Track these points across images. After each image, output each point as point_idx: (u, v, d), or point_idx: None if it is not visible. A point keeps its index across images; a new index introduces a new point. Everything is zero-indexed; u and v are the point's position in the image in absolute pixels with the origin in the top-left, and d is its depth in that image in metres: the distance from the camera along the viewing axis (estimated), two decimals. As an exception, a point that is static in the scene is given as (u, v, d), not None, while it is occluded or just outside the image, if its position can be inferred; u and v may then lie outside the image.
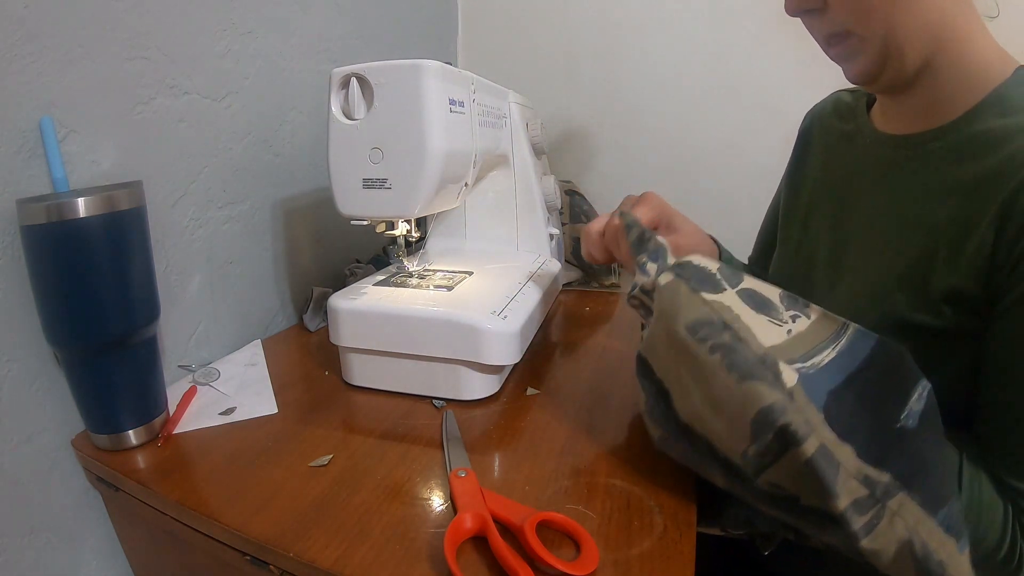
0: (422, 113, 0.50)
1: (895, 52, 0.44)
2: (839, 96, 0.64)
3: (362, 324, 0.56)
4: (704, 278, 0.40)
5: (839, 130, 0.60)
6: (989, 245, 0.39)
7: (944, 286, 0.42)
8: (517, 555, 0.35)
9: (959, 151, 0.44)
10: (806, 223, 0.60)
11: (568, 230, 0.96)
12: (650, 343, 0.42)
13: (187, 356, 0.63)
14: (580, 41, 1.14)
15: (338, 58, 0.85)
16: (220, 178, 0.65)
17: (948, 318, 0.42)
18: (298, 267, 0.80)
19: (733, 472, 0.37)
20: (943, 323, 0.42)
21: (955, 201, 0.43)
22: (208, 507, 0.41)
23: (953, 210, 0.42)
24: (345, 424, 0.52)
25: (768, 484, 0.36)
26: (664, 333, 0.40)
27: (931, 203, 0.45)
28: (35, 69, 0.45)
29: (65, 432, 0.50)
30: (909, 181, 0.48)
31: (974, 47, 0.44)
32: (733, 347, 0.35)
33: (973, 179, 0.42)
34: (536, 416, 0.53)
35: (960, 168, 0.43)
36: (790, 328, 0.38)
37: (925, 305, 0.43)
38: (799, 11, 0.47)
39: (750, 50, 1.02)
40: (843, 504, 0.32)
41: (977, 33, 0.45)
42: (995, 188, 0.39)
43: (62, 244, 0.43)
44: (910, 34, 0.43)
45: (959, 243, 0.41)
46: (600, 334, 0.74)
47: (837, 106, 0.63)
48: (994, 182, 0.40)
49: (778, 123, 1.01)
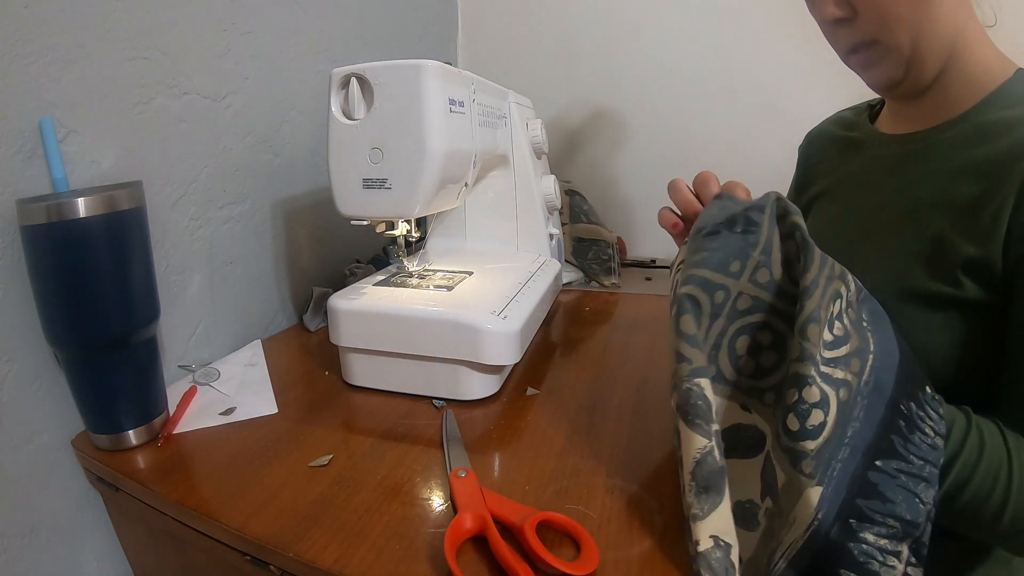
0: (422, 113, 0.50)
1: (917, 60, 0.46)
2: (839, 115, 0.66)
3: (362, 324, 0.56)
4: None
5: (844, 138, 0.61)
6: (1006, 218, 0.41)
7: (962, 256, 0.43)
8: (517, 555, 0.35)
9: (968, 139, 0.46)
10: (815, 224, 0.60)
11: (568, 230, 0.95)
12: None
13: (187, 356, 0.63)
14: (580, 41, 1.14)
15: (338, 58, 0.85)
16: (220, 178, 0.65)
17: (968, 289, 0.43)
18: (298, 267, 0.80)
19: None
20: (963, 294, 0.43)
21: (969, 180, 0.44)
22: (208, 507, 0.41)
23: (968, 188, 0.44)
24: (345, 424, 0.52)
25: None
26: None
27: (944, 184, 0.46)
28: (35, 69, 0.45)
29: (65, 432, 0.50)
30: (921, 168, 0.49)
31: (980, 52, 0.47)
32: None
33: (985, 160, 0.43)
34: (536, 416, 0.53)
35: (971, 152, 0.45)
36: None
37: (943, 275, 0.44)
38: (830, 20, 0.47)
39: (750, 50, 1.02)
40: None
41: (981, 40, 0.47)
42: (1011, 166, 0.41)
43: (62, 244, 0.43)
44: (932, 43, 0.45)
45: (975, 217, 0.43)
46: (600, 334, 0.74)
47: (839, 122, 0.64)
48: (1008, 161, 0.41)
49: (778, 123, 1.02)
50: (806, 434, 0.35)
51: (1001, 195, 0.41)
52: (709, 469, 0.35)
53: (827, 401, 0.35)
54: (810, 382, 0.35)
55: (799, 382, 0.35)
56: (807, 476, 0.35)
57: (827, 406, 0.35)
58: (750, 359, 0.40)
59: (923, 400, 0.38)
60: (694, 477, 0.35)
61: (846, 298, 0.39)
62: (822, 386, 0.35)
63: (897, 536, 0.36)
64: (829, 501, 0.35)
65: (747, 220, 0.39)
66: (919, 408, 0.38)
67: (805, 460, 0.35)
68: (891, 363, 0.38)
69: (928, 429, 0.38)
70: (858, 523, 0.36)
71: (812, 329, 0.35)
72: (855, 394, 0.36)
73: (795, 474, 0.35)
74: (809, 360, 0.35)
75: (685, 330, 0.38)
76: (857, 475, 0.36)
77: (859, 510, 0.36)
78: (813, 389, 0.35)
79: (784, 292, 0.38)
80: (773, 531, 0.37)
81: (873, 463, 0.36)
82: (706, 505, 0.35)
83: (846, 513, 0.36)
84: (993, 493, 0.39)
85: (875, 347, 0.38)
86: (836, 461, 0.35)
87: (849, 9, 0.46)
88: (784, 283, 0.38)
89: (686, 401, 0.36)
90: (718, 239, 0.39)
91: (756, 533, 0.38)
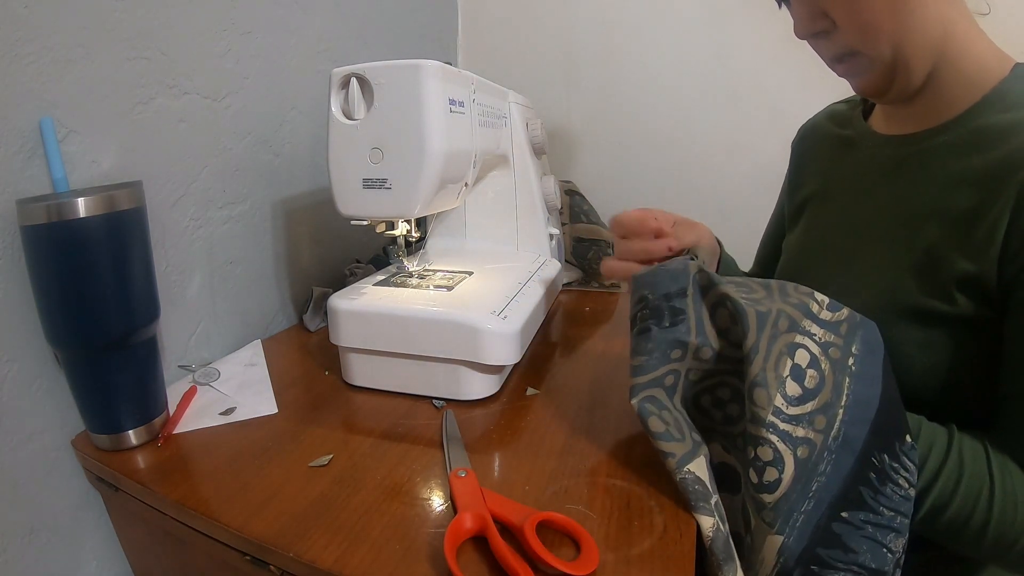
0: (422, 113, 0.50)
1: (902, 68, 0.45)
2: (832, 108, 0.64)
3: (362, 324, 0.56)
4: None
5: (837, 136, 0.60)
6: (1002, 232, 0.40)
7: (956, 272, 0.42)
8: (517, 555, 0.35)
9: (964, 145, 0.45)
10: (808, 229, 0.60)
11: (568, 230, 0.95)
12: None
13: (187, 356, 0.63)
14: (580, 41, 1.14)
15: (338, 58, 0.85)
16: (220, 178, 0.65)
17: (961, 305, 0.42)
18: (298, 267, 0.80)
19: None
20: (956, 310, 0.42)
21: (964, 191, 0.43)
22: (208, 507, 0.41)
23: (962, 200, 0.43)
24: (345, 424, 0.52)
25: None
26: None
27: (939, 194, 0.45)
28: (35, 69, 0.45)
29: (65, 432, 0.50)
30: (915, 175, 0.48)
31: (973, 49, 0.45)
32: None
33: (982, 170, 0.42)
34: (536, 416, 0.53)
35: (966, 160, 0.44)
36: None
37: (937, 291, 0.43)
38: (808, 35, 0.47)
39: (750, 51, 1.02)
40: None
41: (974, 35, 0.45)
42: (1007, 177, 0.40)
43: (62, 244, 0.43)
44: (916, 50, 0.44)
45: (970, 230, 0.42)
46: (600, 334, 0.74)
47: (832, 116, 0.63)
48: (1005, 172, 0.40)
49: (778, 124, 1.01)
50: (763, 488, 0.37)
51: (997, 208, 0.40)
52: (723, 541, 0.37)
53: (781, 459, 0.36)
54: (762, 443, 0.36)
55: (753, 442, 0.37)
56: (767, 524, 0.37)
57: (781, 464, 0.36)
58: (717, 410, 0.42)
59: (899, 451, 0.38)
60: (713, 551, 0.37)
61: (820, 341, 0.39)
62: (776, 445, 0.36)
63: None
64: (790, 549, 0.36)
65: (672, 311, 0.40)
66: (893, 460, 0.38)
67: (765, 511, 0.37)
68: (865, 415, 0.38)
69: (902, 480, 0.38)
70: (820, 569, 0.37)
71: (759, 393, 0.37)
72: (822, 450, 0.37)
73: (759, 521, 0.37)
74: (759, 423, 0.36)
75: (656, 430, 0.40)
76: (820, 525, 0.37)
77: (820, 558, 0.37)
78: (766, 449, 0.36)
79: (728, 357, 0.40)
80: (751, 564, 0.39)
81: (839, 514, 0.37)
82: (730, 572, 0.37)
83: (808, 559, 0.37)
84: (972, 517, 0.39)
85: (848, 399, 0.38)
86: (799, 512, 0.37)
87: (827, 22, 0.45)
88: (726, 349, 0.40)
89: (685, 490, 0.38)
90: (650, 338, 0.40)
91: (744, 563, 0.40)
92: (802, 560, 0.36)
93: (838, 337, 0.39)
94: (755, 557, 0.38)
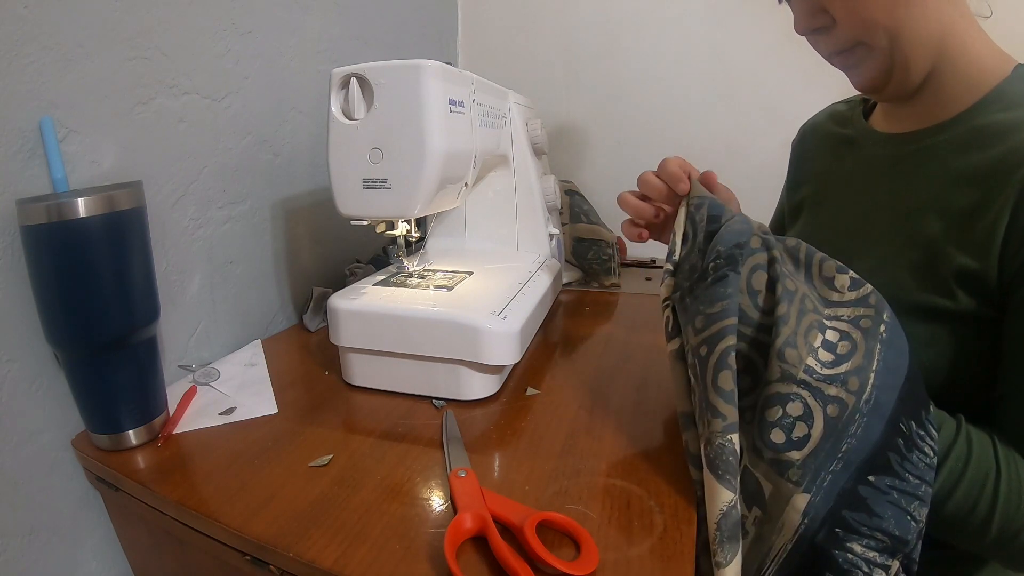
0: (422, 113, 0.50)
1: (900, 63, 0.45)
2: (833, 108, 0.64)
3: (362, 324, 0.56)
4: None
5: (838, 135, 0.60)
6: (1003, 229, 0.40)
7: (955, 266, 0.42)
8: (517, 555, 0.35)
9: (965, 143, 0.45)
10: (808, 227, 0.60)
11: (568, 230, 0.95)
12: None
13: (187, 356, 0.63)
14: (580, 41, 1.14)
15: (338, 58, 0.85)
16: (220, 178, 0.65)
17: (962, 301, 0.42)
18: (298, 267, 0.80)
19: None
20: (957, 306, 0.42)
21: (964, 189, 0.43)
22: (208, 507, 0.41)
23: (962, 197, 0.43)
24: (345, 424, 0.52)
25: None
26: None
27: (939, 191, 0.45)
28: (35, 69, 0.45)
29: (65, 432, 0.50)
30: (915, 172, 0.48)
31: (973, 49, 0.45)
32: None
33: (982, 167, 0.42)
34: (536, 416, 0.53)
35: (967, 158, 0.44)
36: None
37: (937, 287, 0.43)
38: (808, 31, 0.47)
39: (750, 50, 1.02)
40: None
41: (975, 36, 0.46)
42: (1007, 175, 0.40)
43: (62, 244, 0.43)
44: (914, 46, 0.44)
45: (970, 227, 0.42)
46: (600, 334, 0.74)
47: (832, 116, 0.63)
48: (1005, 169, 0.40)
49: (778, 124, 1.02)
50: (791, 445, 0.37)
51: (997, 205, 0.40)
52: (733, 521, 0.37)
53: (811, 415, 0.37)
54: (793, 398, 0.37)
55: (781, 400, 0.37)
56: (794, 484, 0.36)
57: (811, 419, 0.37)
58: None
59: (925, 420, 0.38)
60: (719, 528, 0.37)
61: (848, 319, 0.39)
62: (808, 401, 0.37)
63: (887, 550, 0.36)
64: (816, 508, 0.36)
65: (732, 260, 0.40)
66: (920, 427, 0.38)
67: (791, 469, 0.37)
68: (895, 381, 0.38)
69: (927, 448, 0.38)
70: (844, 533, 0.36)
71: (790, 353, 0.37)
72: (853, 411, 0.37)
73: (782, 482, 0.37)
74: (790, 380, 0.37)
75: (723, 386, 0.38)
76: (847, 488, 0.37)
77: (845, 521, 0.36)
78: (797, 404, 0.37)
79: (752, 323, 0.40)
80: (763, 536, 0.38)
81: (865, 478, 0.37)
82: (729, 553, 0.36)
83: (832, 522, 0.36)
84: (979, 504, 0.39)
85: (879, 364, 0.38)
86: (827, 472, 0.37)
87: (827, 18, 0.46)
88: (750, 310, 0.40)
89: (718, 456, 0.38)
90: (728, 283, 0.40)
91: (746, 541, 0.39)
92: (826, 522, 0.36)
93: (868, 308, 0.40)
94: (772, 527, 0.38)
